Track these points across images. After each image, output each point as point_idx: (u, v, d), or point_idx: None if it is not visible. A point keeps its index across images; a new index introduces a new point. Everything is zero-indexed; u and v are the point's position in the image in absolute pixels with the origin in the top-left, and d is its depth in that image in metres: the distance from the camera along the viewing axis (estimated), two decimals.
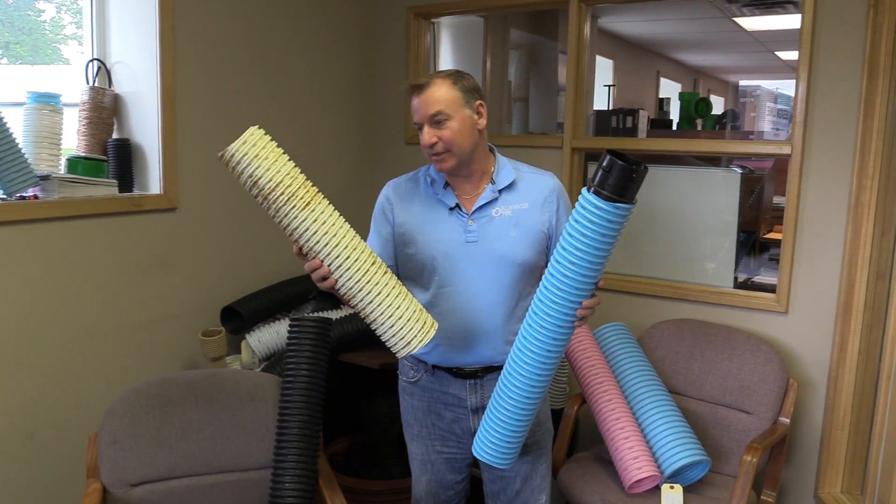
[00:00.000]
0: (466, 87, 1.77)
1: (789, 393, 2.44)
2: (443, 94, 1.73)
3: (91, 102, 2.45)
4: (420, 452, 1.99)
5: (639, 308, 2.89)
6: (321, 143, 3.18)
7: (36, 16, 2.54)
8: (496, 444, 1.70)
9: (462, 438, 1.94)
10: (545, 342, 1.59)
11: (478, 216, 1.80)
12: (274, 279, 2.91)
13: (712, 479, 2.34)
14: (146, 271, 2.48)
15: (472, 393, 1.88)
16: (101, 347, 2.37)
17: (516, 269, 1.80)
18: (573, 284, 1.53)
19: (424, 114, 1.74)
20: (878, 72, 2.34)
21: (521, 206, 1.82)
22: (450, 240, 1.80)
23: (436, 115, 1.72)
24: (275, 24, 2.88)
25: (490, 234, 1.80)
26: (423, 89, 1.74)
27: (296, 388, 1.89)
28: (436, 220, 1.82)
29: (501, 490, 1.97)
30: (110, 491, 1.86)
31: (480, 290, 1.80)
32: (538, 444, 1.95)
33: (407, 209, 1.85)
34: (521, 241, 1.80)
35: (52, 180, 2.23)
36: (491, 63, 3.96)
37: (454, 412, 1.91)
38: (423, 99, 1.74)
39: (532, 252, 1.81)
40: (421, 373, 1.92)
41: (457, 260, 1.80)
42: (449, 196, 1.82)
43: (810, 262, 2.55)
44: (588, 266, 1.52)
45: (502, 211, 1.81)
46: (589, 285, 1.55)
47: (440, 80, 1.74)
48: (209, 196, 2.67)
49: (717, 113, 5.16)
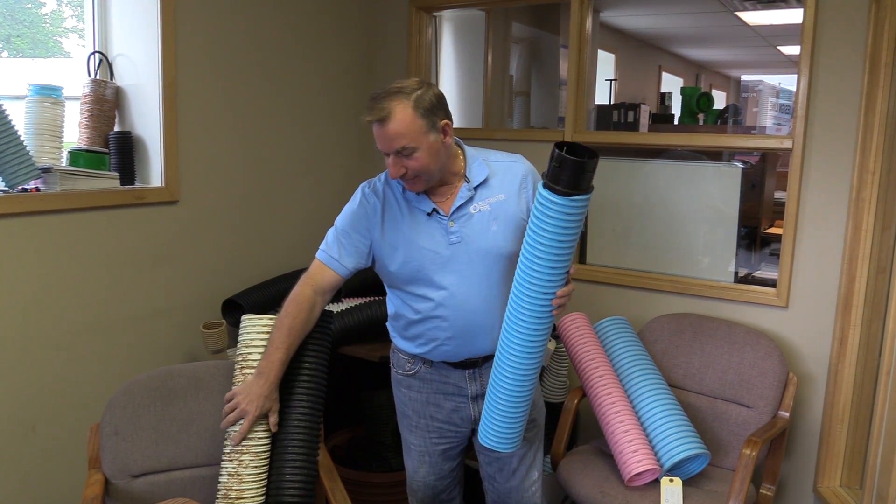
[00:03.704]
0: (428, 107, 1.68)
1: (789, 387, 2.45)
2: (405, 126, 1.65)
3: (93, 95, 2.45)
4: (418, 444, 2.01)
5: (639, 302, 2.90)
6: (322, 136, 3.18)
7: (36, 9, 2.54)
8: (501, 430, 1.73)
9: (461, 427, 1.97)
10: (527, 334, 1.62)
11: (457, 216, 1.80)
12: (275, 272, 2.92)
13: (711, 473, 2.35)
14: (148, 264, 2.49)
15: (471, 381, 1.90)
16: (103, 340, 2.37)
17: (505, 262, 1.81)
18: (543, 278, 1.57)
19: (388, 147, 1.68)
20: (880, 67, 2.33)
21: (497, 198, 1.81)
22: (434, 245, 1.79)
23: (401, 150, 1.68)
24: (276, 18, 2.88)
25: (472, 231, 1.79)
26: (385, 123, 1.65)
27: (297, 381, 1.90)
28: (417, 227, 1.81)
29: (498, 471, 2.01)
30: (112, 482, 1.87)
31: (473, 288, 1.80)
32: (534, 423, 1.99)
33: (391, 217, 1.83)
34: (504, 234, 1.80)
35: (54, 173, 2.23)
36: (492, 57, 3.95)
37: (454, 401, 1.93)
38: (384, 133, 1.67)
39: (516, 242, 1.79)
40: (419, 365, 1.93)
41: (445, 263, 1.79)
42: (424, 202, 1.80)
43: (811, 256, 2.55)
44: (555, 258, 1.55)
45: (480, 207, 1.80)
46: (559, 275, 1.58)
47: (400, 109, 1.65)
48: (211, 189, 2.67)
49: (718, 108, 5.14)
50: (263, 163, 2.88)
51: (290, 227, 3.04)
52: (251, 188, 2.84)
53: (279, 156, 2.96)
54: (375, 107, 1.67)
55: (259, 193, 2.87)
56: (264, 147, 2.89)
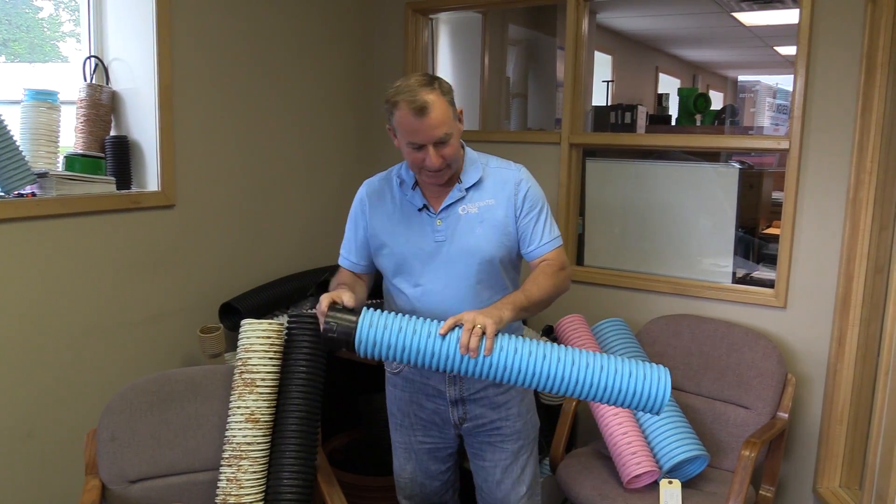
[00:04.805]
0: (450, 95, 1.73)
1: (787, 388, 2.45)
2: (443, 112, 1.68)
3: (88, 99, 2.44)
4: (403, 441, 2.04)
5: (637, 303, 2.90)
6: (319, 139, 3.18)
7: (34, 13, 2.54)
8: (630, 388, 1.58)
9: (443, 429, 1.98)
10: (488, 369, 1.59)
11: (445, 215, 1.82)
12: (273, 276, 2.91)
13: (711, 474, 2.35)
14: (144, 268, 2.48)
15: (451, 385, 1.90)
16: (100, 344, 2.37)
17: (484, 265, 1.81)
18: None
19: (431, 137, 1.68)
20: (876, 67, 2.33)
21: (487, 202, 1.82)
22: (420, 240, 1.82)
23: (443, 137, 1.69)
24: (272, 20, 2.88)
25: (457, 232, 1.81)
26: (426, 113, 1.66)
27: (294, 384, 1.90)
28: (406, 222, 1.84)
29: (483, 481, 2.01)
30: (109, 488, 1.87)
31: (451, 287, 1.81)
32: (518, 435, 1.96)
33: (379, 211, 1.88)
34: (486, 237, 1.80)
35: (50, 178, 2.22)
36: (489, 59, 3.96)
37: (434, 403, 1.94)
38: (428, 122, 1.67)
39: (498, 247, 1.81)
40: (403, 364, 1.93)
41: (428, 259, 1.82)
42: (417, 197, 1.83)
43: (808, 257, 2.55)
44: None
45: (469, 209, 1.82)
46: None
47: (435, 97, 1.67)
48: (207, 193, 2.67)
49: (716, 108, 5.14)
50: (260, 166, 2.88)
51: (288, 230, 3.04)
52: (248, 192, 2.83)
53: (276, 159, 2.96)
54: (414, 100, 1.65)
55: (256, 197, 2.86)
56: (261, 151, 2.88)
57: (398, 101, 1.67)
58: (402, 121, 1.69)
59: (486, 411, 1.92)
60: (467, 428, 1.95)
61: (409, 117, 1.66)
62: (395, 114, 1.69)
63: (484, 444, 1.96)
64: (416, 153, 1.72)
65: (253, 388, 1.84)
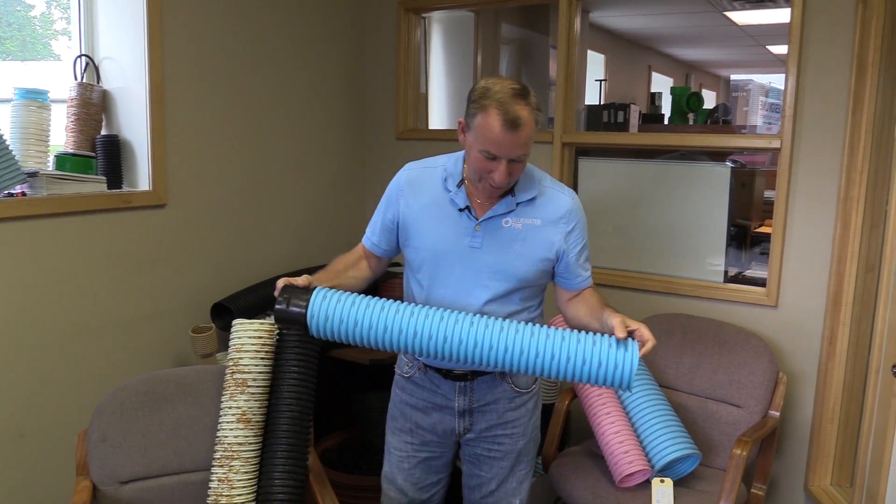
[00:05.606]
0: (540, 112, 1.64)
1: (779, 386, 2.45)
2: (531, 131, 1.61)
3: (79, 98, 2.43)
4: (399, 448, 1.97)
5: (629, 302, 2.90)
6: (311, 137, 3.17)
7: (26, 11, 2.52)
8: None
9: (444, 439, 1.93)
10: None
11: (486, 223, 1.74)
12: (265, 275, 2.91)
13: (702, 473, 2.35)
14: (135, 268, 2.47)
15: (461, 395, 1.86)
16: (91, 345, 2.36)
17: (513, 283, 1.75)
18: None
19: (511, 153, 1.61)
20: (867, 66, 2.34)
21: (533, 221, 1.75)
22: (453, 241, 1.75)
23: (521, 156, 1.63)
24: (264, 19, 2.87)
25: (495, 243, 1.74)
26: (518, 130, 1.58)
27: (286, 385, 1.89)
28: (443, 218, 1.76)
29: (476, 487, 1.96)
30: (100, 488, 1.86)
31: (472, 297, 1.75)
32: (521, 453, 1.93)
33: (416, 200, 1.80)
34: (524, 257, 1.74)
35: (40, 177, 2.21)
36: (482, 58, 3.95)
37: (441, 412, 1.89)
38: (515, 139, 1.58)
39: (533, 270, 1.75)
40: (415, 370, 1.92)
41: (455, 261, 1.75)
42: (461, 196, 1.75)
43: (800, 256, 2.56)
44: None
45: (513, 223, 1.74)
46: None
47: (527, 114, 1.59)
48: (199, 192, 2.66)
49: (708, 107, 5.15)
50: (252, 165, 2.87)
51: (280, 230, 3.03)
52: (240, 191, 2.82)
53: (268, 158, 2.95)
54: (508, 111, 1.57)
55: (248, 196, 2.86)
56: (253, 149, 2.87)
57: (488, 105, 1.58)
58: (486, 127, 1.59)
59: (492, 424, 1.88)
60: (469, 438, 1.91)
61: (497, 128, 1.57)
62: (480, 117, 1.60)
63: (482, 457, 1.92)
64: (486, 162, 1.63)
65: (244, 389, 1.83)
